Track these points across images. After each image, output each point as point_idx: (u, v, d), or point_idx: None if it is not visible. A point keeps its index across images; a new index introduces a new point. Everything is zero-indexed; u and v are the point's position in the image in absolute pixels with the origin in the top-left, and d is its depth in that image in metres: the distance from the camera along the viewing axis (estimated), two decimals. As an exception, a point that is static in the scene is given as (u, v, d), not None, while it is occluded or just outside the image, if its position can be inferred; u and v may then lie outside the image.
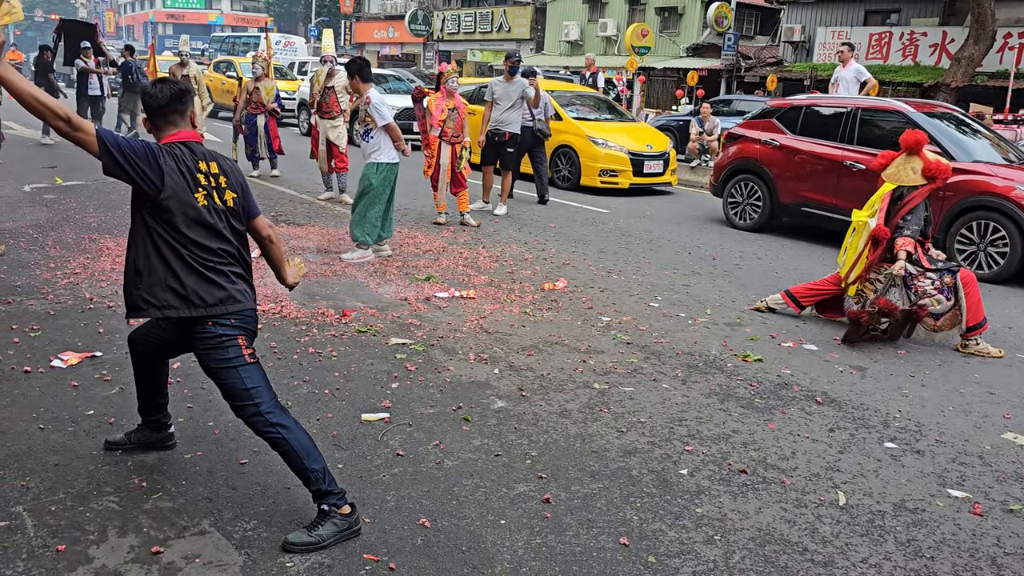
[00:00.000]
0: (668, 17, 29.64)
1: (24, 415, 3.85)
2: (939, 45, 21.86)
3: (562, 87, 14.58)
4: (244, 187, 3.10)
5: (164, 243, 2.87)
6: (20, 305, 5.47)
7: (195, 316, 2.92)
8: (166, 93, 2.94)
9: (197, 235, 2.89)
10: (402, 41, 41.53)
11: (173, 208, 2.84)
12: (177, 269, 2.88)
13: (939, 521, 3.38)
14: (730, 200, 10.26)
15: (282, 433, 2.96)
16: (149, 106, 2.96)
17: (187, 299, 2.90)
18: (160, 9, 66.02)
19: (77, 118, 2.70)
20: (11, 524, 2.97)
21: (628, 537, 3.12)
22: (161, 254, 2.88)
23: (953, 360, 5.52)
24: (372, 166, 7.19)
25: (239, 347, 2.98)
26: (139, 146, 2.80)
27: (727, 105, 18.72)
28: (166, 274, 2.88)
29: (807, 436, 4.15)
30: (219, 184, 2.97)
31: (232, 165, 3.09)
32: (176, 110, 2.96)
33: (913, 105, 8.84)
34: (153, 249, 2.88)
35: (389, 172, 7.27)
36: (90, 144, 2.72)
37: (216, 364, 2.97)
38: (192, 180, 2.88)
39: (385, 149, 7.19)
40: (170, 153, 2.87)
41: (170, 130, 2.97)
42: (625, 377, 4.83)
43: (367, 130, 7.17)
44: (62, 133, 2.69)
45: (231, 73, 20.79)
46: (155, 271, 2.89)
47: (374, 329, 5.38)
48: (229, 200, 2.99)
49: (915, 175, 5.76)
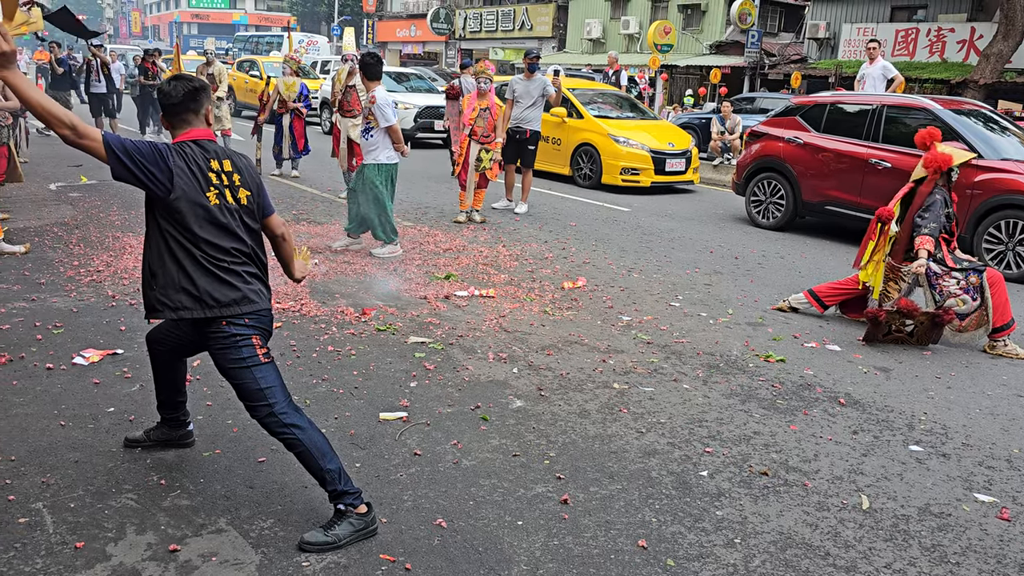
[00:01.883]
0: (691, 14, 29.45)
1: (46, 412, 3.88)
2: (967, 41, 21.53)
3: (583, 85, 14.52)
4: (259, 185, 3.09)
5: (177, 244, 2.87)
6: (44, 302, 5.52)
7: (209, 317, 2.92)
8: (180, 91, 2.93)
9: (209, 235, 2.89)
10: (424, 40, 41.61)
11: (183, 208, 2.84)
12: (190, 270, 2.88)
13: (965, 526, 3.31)
14: (753, 198, 10.17)
15: (296, 434, 2.95)
16: (164, 104, 2.96)
17: (200, 300, 2.90)
18: (185, 9, 66.70)
19: (83, 126, 2.70)
20: (31, 520, 2.99)
21: (647, 539, 3.08)
22: (174, 255, 2.88)
23: (980, 361, 5.42)
24: (373, 167, 7.19)
25: (253, 347, 2.97)
26: (146, 148, 2.79)
27: (750, 103, 18.54)
28: (179, 275, 2.89)
29: (830, 438, 4.08)
30: (232, 182, 2.96)
31: (247, 163, 3.08)
32: (190, 109, 2.95)
33: (940, 102, 8.70)
34: (166, 250, 2.89)
35: (389, 172, 7.28)
36: (97, 150, 2.72)
37: (230, 364, 2.97)
38: (203, 179, 2.88)
39: (384, 149, 7.18)
40: (180, 153, 2.87)
41: (183, 128, 2.96)
42: (645, 377, 4.79)
43: (368, 127, 7.17)
44: (68, 141, 2.69)
45: (254, 72, 20.92)
46: (168, 272, 2.90)
47: (393, 328, 5.38)
48: (243, 198, 2.99)
49: (921, 168, 5.75)
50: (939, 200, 5.67)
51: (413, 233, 8.38)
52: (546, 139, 12.70)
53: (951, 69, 21.04)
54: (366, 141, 7.21)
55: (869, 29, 23.27)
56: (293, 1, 56.81)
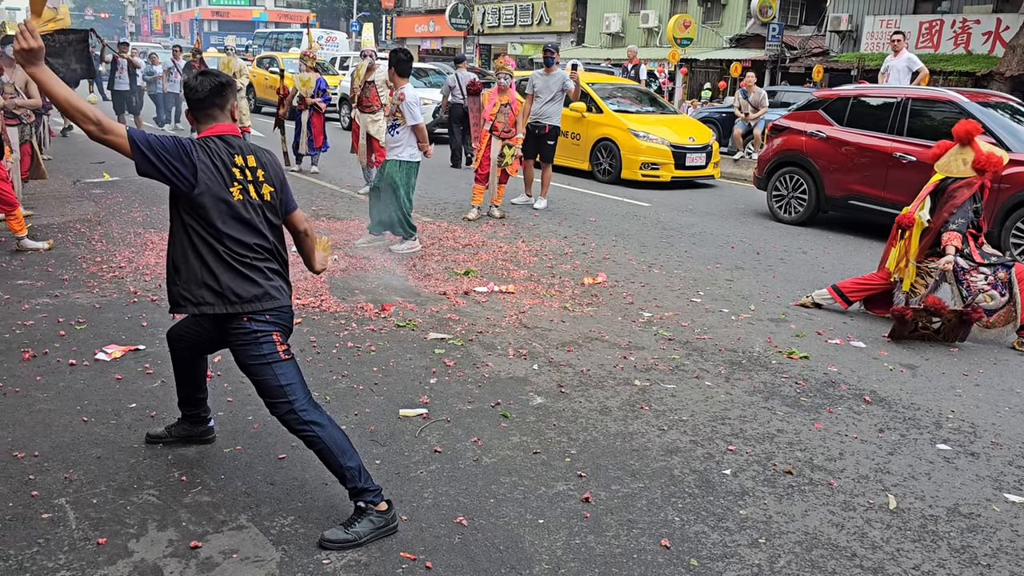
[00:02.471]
0: (711, 8, 29.20)
1: (69, 407, 3.90)
2: (992, 33, 21.20)
3: (603, 79, 14.43)
4: (283, 181, 3.09)
5: (200, 239, 2.87)
6: (67, 299, 5.56)
7: (230, 313, 2.92)
8: (206, 86, 2.93)
9: (232, 230, 2.89)
10: (442, 35, 41.58)
11: (207, 204, 2.83)
12: (212, 266, 2.88)
13: (995, 527, 3.25)
14: (775, 193, 10.06)
15: (316, 431, 2.94)
16: (189, 99, 2.96)
17: (222, 296, 2.89)
18: (206, 7, 67.09)
19: (108, 121, 2.71)
20: (54, 516, 3.00)
21: (669, 539, 3.05)
22: (197, 251, 2.88)
23: (1009, 358, 5.33)
24: (395, 163, 7.19)
25: (273, 343, 2.97)
26: (170, 143, 2.80)
27: (772, 96, 18.34)
28: (202, 271, 2.89)
29: (855, 436, 4.02)
30: (256, 178, 2.96)
31: (271, 158, 3.07)
32: (215, 104, 2.95)
33: (966, 94, 8.56)
34: (189, 246, 2.89)
35: (411, 170, 7.28)
36: (122, 146, 2.73)
37: (250, 360, 2.96)
38: (226, 174, 2.88)
39: (408, 147, 7.18)
40: (204, 148, 2.87)
41: (208, 123, 2.96)
42: (667, 374, 4.74)
43: (395, 124, 7.16)
44: (94, 137, 2.70)
45: (274, 69, 20.99)
46: (191, 268, 2.90)
47: (413, 324, 5.37)
48: (266, 194, 2.98)
49: (965, 167, 5.58)
50: (967, 195, 5.56)
51: (432, 228, 8.37)
52: (565, 134, 12.65)
53: (976, 61, 20.73)
54: (391, 137, 7.21)
55: (892, 21, 22.97)
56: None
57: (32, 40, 2.56)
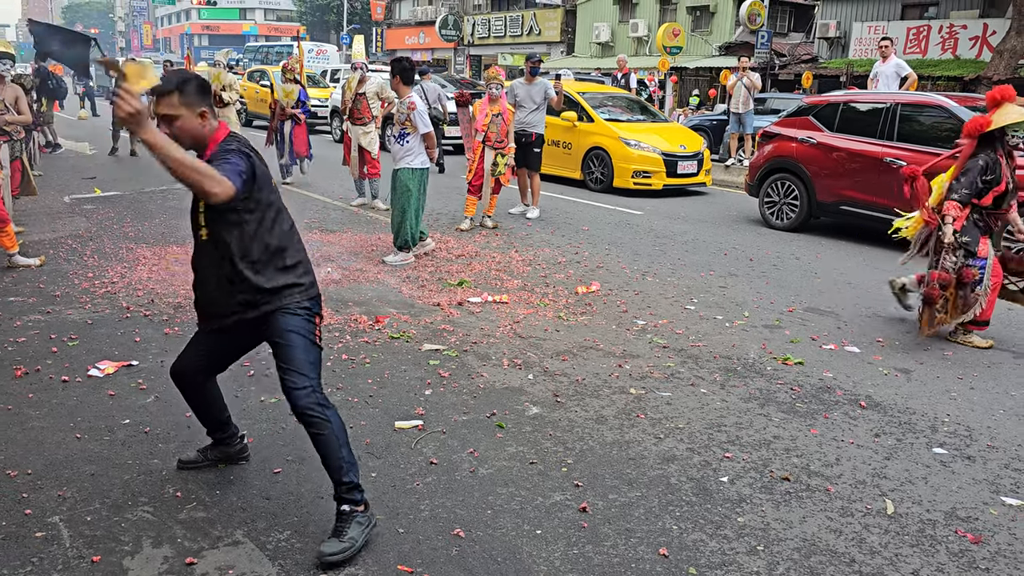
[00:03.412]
0: (700, 16, 29.37)
1: (62, 424, 3.88)
2: (980, 38, 21.35)
3: (593, 88, 14.48)
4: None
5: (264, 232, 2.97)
6: (59, 315, 5.53)
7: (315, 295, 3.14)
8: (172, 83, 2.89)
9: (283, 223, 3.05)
10: (433, 47, 41.69)
11: (273, 200, 2.99)
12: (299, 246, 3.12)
13: (993, 531, 3.25)
14: (766, 200, 10.10)
15: (329, 415, 2.94)
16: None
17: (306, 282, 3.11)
18: (196, 21, 67.18)
19: (220, 177, 2.63)
20: (47, 535, 2.97)
21: (668, 547, 3.04)
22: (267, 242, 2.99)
23: (1002, 361, 5.34)
24: (407, 171, 7.26)
25: (315, 326, 3.07)
26: (248, 166, 2.83)
27: (761, 104, 18.44)
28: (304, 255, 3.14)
29: (852, 442, 4.02)
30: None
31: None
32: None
33: (955, 99, 8.61)
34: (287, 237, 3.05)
35: (423, 176, 7.39)
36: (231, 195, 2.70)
37: (293, 328, 2.98)
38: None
39: (418, 154, 7.31)
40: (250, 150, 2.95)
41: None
42: (662, 382, 4.74)
43: (403, 133, 7.20)
44: (219, 199, 2.63)
45: (264, 82, 20.99)
46: (304, 255, 3.13)
47: (407, 335, 5.36)
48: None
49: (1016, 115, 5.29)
50: (979, 165, 5.38)
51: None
52: (556, 143, 12.68)
53: (964, 66, 20.87)
54: (400, 146, 7.27)
55: (880, 27, 23.11)
56: (302, 11, 57.09)
57: (134, 101, 2.42)
